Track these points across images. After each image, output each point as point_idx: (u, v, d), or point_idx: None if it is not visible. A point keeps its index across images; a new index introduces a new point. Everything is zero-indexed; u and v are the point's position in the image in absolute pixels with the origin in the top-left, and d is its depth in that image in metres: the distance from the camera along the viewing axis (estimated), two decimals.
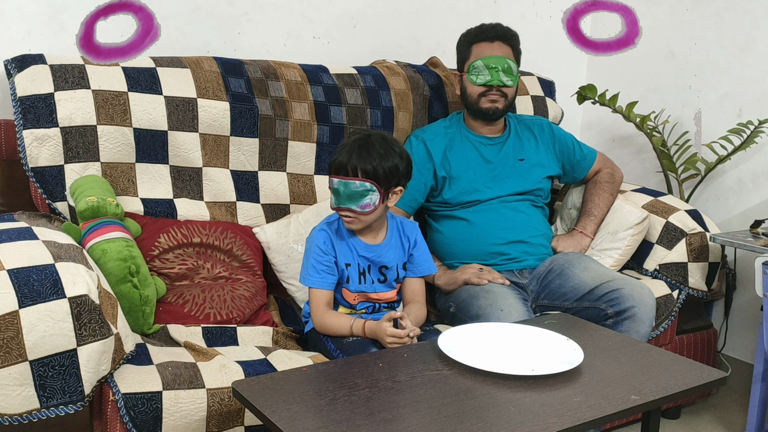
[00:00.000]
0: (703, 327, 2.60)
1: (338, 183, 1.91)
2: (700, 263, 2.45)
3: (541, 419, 1.34)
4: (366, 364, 1.55)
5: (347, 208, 1.93)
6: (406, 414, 1.35)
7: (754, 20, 2.82)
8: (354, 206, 1.92)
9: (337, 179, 1.91)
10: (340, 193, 1.91)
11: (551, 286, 2.28)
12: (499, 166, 2.47)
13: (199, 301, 2.04)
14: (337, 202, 1.93)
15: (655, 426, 1.65)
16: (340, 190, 1.91)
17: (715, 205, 2.97)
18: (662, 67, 3.14)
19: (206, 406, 1.64)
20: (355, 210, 1.92)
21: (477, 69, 2.42)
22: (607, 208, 2.54)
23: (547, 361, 1.56)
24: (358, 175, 1.90)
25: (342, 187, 1.91)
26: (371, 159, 1.90)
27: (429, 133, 2.51)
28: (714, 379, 1.56)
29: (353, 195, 1.91)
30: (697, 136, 3.01)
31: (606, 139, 3.36)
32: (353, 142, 1.93)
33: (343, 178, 1.91)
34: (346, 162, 1.90)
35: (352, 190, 1.90)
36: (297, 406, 1.35)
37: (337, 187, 1.91)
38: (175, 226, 2.14)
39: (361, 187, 1.90)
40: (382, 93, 2.59)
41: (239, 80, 2.34)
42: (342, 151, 1.93)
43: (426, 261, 2.11)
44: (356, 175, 1.90)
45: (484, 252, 2.36)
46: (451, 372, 1.52)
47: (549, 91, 2.99)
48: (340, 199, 1.92)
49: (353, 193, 1.91)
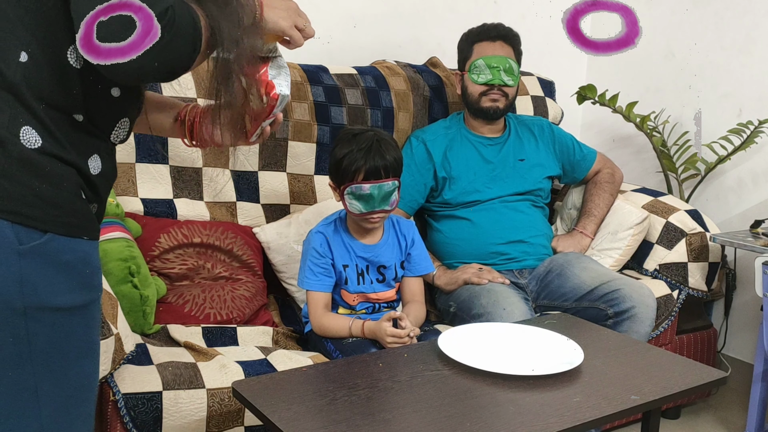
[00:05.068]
0: (703, 327, 2.60)
1: (371, 188, 1.89)
2: (700, 263, 2.45)
3: (541, 419, 1.34)
4: (366, 364, 1.55)
5: (381, 209, 1.92)
6: (406, 414, 1.35)
7: (754, 20, 2.82)
8: (386, 206, 1.93)
9: (369, 185, 1.89)
10: (374, 196, 1.90)
11: (551, 286, 2.28)
12: (499, 166, 2.47)
13: (199, 301, 2.04)
14: (370, 207, 1.91)
15: (655, 426, 1.65)
16: (375, 194, 1.90)
17: (715, 205, 2.97)
18: (662, 67, 3.14)
19: (206, 406, 1.64)
20: (386, 209, 1.93)
21: (478, 68, 2.42)
22: (607, 208, 2.54)
23: (547, 361, 1.56)
24: (389, 176, 1.91)
25: (376, 190, 1.89)
26: (389, 155, 1.91)
27: (429, 133, 2.51)
28: (714, 379, 1.56)
29: (386, 196, 1.91)
30: (697, 136, 3.01)
31: (606, 139, 3.36)
32: (365, 145, 1.90)
33: (375, 182, 1.89)
34: (380, 165, 1.89)
35: (385, 191, 1.91)
36: (297, 406, 1.35)
37: (371, 192, 1.89)
38: (176, 226, 2.14)
39: (393, 185, 1.92)
40: (382, 93, 2.59)
41: None
42: (355, 156, 1.89)
43: (424, 260, 2.11)
44: (387, 175, 1.91)
45: (484, 252, 2.36)
46: (451, 372, 1.52)
47: (549, 91, 2.99)
48: (374, 203, 1.91)
49: (386, 194, 1.91)
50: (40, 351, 0.96)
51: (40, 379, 0.97)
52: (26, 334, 0.95)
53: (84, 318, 1.02)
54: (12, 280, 0.93)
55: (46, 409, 0.98)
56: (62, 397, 1.00)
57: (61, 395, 1.00)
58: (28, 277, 0.94)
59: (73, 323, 1.00)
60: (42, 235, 0.95)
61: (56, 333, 0.97)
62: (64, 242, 0.98)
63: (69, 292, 0.99)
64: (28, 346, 0.95)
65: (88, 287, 1.02)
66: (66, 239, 0.98)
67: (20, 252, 0.93)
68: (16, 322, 0.94)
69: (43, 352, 0.97)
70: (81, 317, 1.02)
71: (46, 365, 0.97)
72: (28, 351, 0.95)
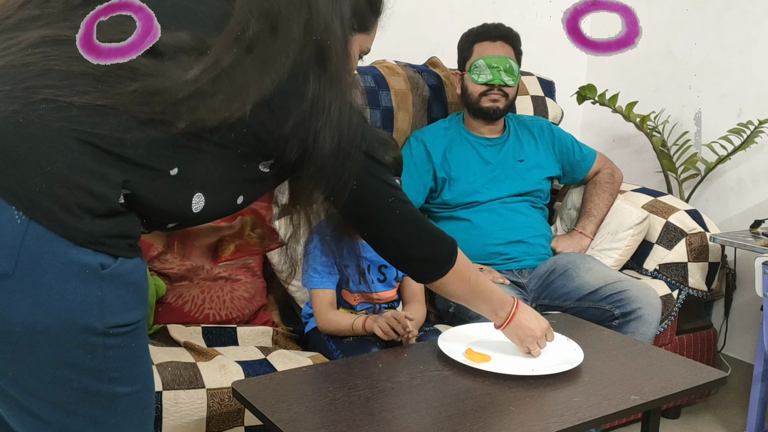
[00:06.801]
0: (703, 327, 2.60)
1: None
2: (700, 263, 2.45)
3: (541, 419, 1.34)
4: (366, 364, 1.55)
5: None
6: (406, 414, 1.35)
7: (754, 20, 2.82)
8: None
9: None
10: None
11: (553, 286, 2.28)
12: (499, 167, 2.47)
13: (198, 302, 2.04)
14: None
15: (655, 426, 1.65)
16: None
17: (715, 205, 2.97)
18: (662, 67, 3.14)
19: (206, 407, 1.64)
20: None
21: (479, 68, 2.42)
22: (607, 209, 2.54)
23: (547, 361, 1.56)
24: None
25: None
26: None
27: (428, 134, 2.51)
28: (714, 379, 1.56)
29: None
30: (697, 136, 3.01)
31: (606, 139, 3.36)
32: None
33: None
34: None
35: None
36: (297, 406, 1.35)
37: None
38: None
39: None
40: (381, 93, 2.59)
41: None
42: None
43: None
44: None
45: (484, 252, 2.36)
46: (451, 372, 1.52)
47: (549, 91, 2.98)
48: None
49: None
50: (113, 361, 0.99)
51: (114, 387, 0.99)
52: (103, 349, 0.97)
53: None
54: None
55: (122, 414, 1.01)
56: (133, 394, 1.03)
57: (133, 398, 1.03)
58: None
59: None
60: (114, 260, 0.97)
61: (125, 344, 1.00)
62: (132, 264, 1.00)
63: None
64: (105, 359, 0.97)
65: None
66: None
67: (102, 276, 0.95)
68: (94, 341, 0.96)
69: (116, 360, 0.99)
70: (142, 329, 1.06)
71: (118, 372, 1.00)
72: (105, 364, 0.98)
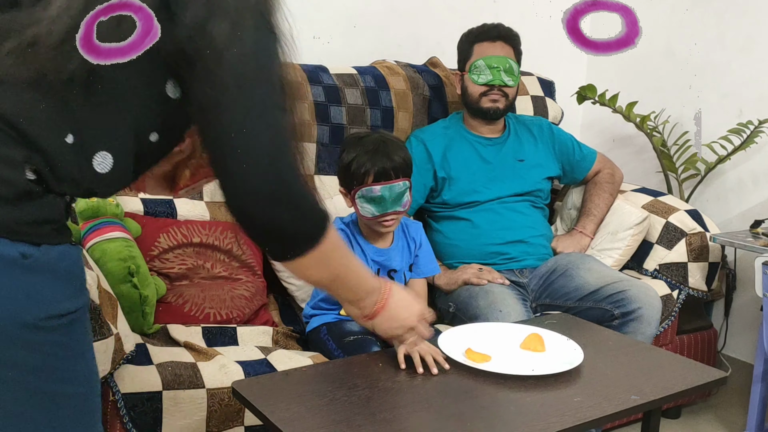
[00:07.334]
0: (703, 327, 2.60)
1: (383, 189, 1.87)
2: (700, 263, 2.45)
3: (541, 419, 1.34)
4: (366, 364, 1.55)
5: (393, 211, 1.91)
6: (406, 414, 1.35)
7: (754, 20, 2.82)
8: (398, 207, 1.91)
9: (380, 186, 1.87)
10: (386, 198, 1.88)
11: (554, 286, 2.28)
12: (499, 167, 2.47)
13: (198, 301, 2.04)
14: (382, 209, 1.90)
15: (655, 426, 1.65)
16: (386, 196, 1.88)
17: (715, 205, 2.97)
18: (662, 67, 3.14)
19: (206, 406, 1.64)
20: (399, 211, 1.92)
21: (479, 68, 2.42)
22: (607, 209, 2.54)
23: (547, 361, 1.56)
24: (398, 176, 1.90)
25: (387, 192, 1.88)
26: (397, 155, 1.90)
27: (428, 133, 2.51)
28: (714, 379, 1.56)
29: (397, 197, 1.90)
30: (697, 136, 3.01)
31: (606, 139, 3.36)
32: (372, 147, 1.90)
33: (386, 183, 1.88)
34: (388, 166, 1.88)
35: (396, 192, 1.89)
36: (297, 406, 1.35)
37: (382, 194, 1.88)
38: (175, 226, 2.14)
39: (403, 186, 1.91)
40: (382, 93, 2.59)
41: None
42: (362, 159, 1.88)
43: (430, 262, 2.11)
44: (397, 176, 1.90)
45: (484, 252, 2.36)
46: (451, 372, 1.52)
47: (549, 91, 2.98)
48: (386, 205, 1.89)
49: (397, 195, 1.90)
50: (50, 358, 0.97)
51: (57, 386, 0.97)
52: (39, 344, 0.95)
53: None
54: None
55: (68, 417, 0.99)
56: (77, 395, 1.01)
57: (78, 399, 1.01)
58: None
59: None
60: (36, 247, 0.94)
61: (63, 338, 0.98)
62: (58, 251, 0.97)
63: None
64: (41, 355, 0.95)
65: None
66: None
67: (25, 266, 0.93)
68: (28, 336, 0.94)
69: (55, 357, 0.97)
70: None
71: (59, 371, 0.98)
72: (44, 361, 0.96)
